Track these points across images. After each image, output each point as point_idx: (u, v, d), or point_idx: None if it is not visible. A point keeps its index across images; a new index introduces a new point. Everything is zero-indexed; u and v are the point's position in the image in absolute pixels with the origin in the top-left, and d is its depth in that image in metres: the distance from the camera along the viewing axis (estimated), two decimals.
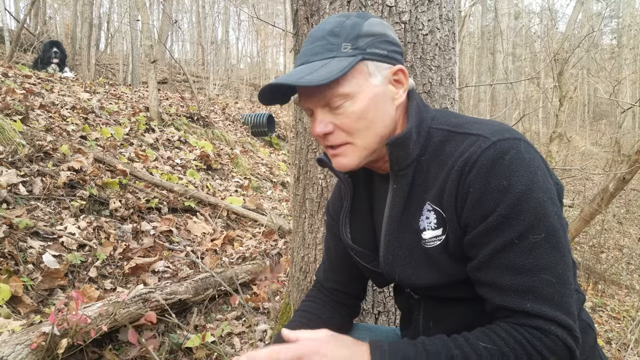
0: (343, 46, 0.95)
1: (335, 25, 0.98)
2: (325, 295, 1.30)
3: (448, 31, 1.95)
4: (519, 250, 0.88)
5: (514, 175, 0.87)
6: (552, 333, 0.85)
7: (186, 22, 28.01)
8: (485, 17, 22.23)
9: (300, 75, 0.93)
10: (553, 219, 0.88)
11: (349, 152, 1.00)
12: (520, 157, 0.88)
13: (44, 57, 8.15)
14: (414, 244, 1.02)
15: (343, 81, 0.94)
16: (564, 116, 8.74)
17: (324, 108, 0.98)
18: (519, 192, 0.87)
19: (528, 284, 0.87)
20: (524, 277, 0.88)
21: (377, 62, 0.98)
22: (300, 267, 2.19)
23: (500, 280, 0.90)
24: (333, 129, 0.98)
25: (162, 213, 3.92)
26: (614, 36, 28.13)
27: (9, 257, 2.47)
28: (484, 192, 0.89)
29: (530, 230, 0.87)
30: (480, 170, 0.90)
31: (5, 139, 3.54)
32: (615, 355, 3.48)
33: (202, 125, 7.46)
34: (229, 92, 16.59)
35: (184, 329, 2.53)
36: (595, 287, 5.38)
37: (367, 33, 0.97)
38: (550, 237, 0.88)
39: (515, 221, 0.87)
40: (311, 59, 0.97)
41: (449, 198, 0.94)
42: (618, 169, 5.80)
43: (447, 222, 0.96)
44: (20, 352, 1.72)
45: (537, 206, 0.87)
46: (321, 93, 0.95)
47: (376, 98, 0.97)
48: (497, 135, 0.91)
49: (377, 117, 0.98)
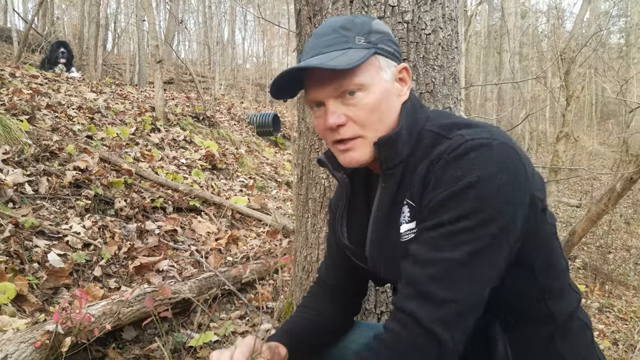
0: (357, 39, 0.97)
1: (346, 21, 1.00)
2: (327, 291, 1.31)
3: (451, 30, 1.95)
4: (428, 239, 0.89)
5: (471, 169, 0.86)
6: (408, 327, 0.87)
7: (193, 22, 28.10)
8: (492, 16, 22.13)
9: (323, 60, 0.93)
10: (491, 228, 0.85)
11: (360, 146, 1.00)
12: (487, 156, 0.87)
13: (51, 58, 8.20)
14: (395, 240, 1.03)
15: (359, 72, 0.95)
16: (571, 116, 8.69)
17: (336, 99, 0.98)
18: (468, 182, 0.85)
19: (414, 274, 0.90)
20: (416, 267, 0.90)
21: (386, 58, 1.00)
22: (303, 266, 2.19)
23: (405, 264, 0.93)
24: (346, 121, 0.98)
25: (167, 212, 3.93)
26: (621, 35, 27.90)
27: (14, 256, 2.49)
28: (439, 180, 0.89)
29: (464, 217, 0.86)
30: (444, 162, 0.90)
31: (12, 139, 3.57)
32: (621, 356, 3.46)
33: (207, 125, 7.48)
34: (234, 92, 16.63)
35: (188, 327, 2.54)
36: (603, 288, 5.35)
37: (377, 30, 1.00)
38: (480, 235, 0.85)
39: (455, 204, 0.86)
40: (324, 50, 0.97)
41: (418, 190, 0.95)
42: (626, 169, 5.75)
43: (417, 214, 0.97)
44: (25, 350, 1.73)
45: (482, 198, 0.85)
46: (338, 82, 0.96)
47: (387, 92, 0.99)
48: (474, 135, 0.91)
49: (388, 111, 0.99)
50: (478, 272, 0.86)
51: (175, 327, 2.56)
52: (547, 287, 0.92)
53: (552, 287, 0.99)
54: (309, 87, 1.00)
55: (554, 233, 1.03)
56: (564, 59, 8.99)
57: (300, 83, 1.02)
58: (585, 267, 6.11)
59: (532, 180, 0.92)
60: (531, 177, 0.92)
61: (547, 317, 0.94)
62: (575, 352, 1.02)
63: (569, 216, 10.25)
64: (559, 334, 1.00)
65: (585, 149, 16.85)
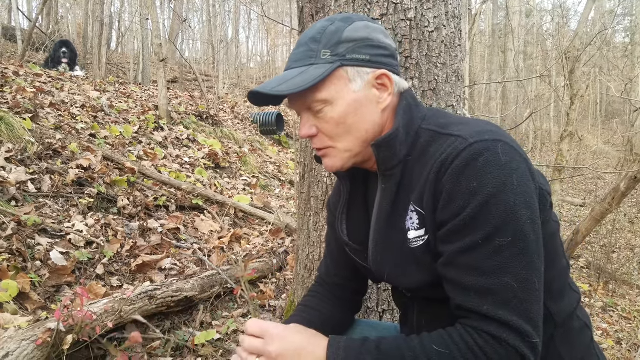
0: (322, 53, 0.97)
1: (318, 32, 0.99)
2: (327, 290, 1.30)
3: (454, 28, 1.94)
4: (483, 252, 0.87)
5: (485, 177, 0.87)
6: (504, 340, 0.84)
7: (196, 21, 28.15)
8: (497, 15, 22.06)
9: (276, 84, 0.96)
10: (524, 223, 0.87)
11: (332, 155, 1.03)
12: (495, 159, 0.87)
13: (54, 57, 8.22)
14: (401, 244, 1.02)
15: (321, 87, 0.96)
16: (576, 115, 8.65)
17: (307, 112, 1.01)
18: (488, 193, 0.86)
19: (488, 286, 0.86)
20: (485, 278, 0.86)
21: (358, 68, 0.98)
22: (305, 264, 2.19)
23: (463, 279, 0.89)
24: (317, 132, 1.02)
25: (169, 211, 3.93)
26: (626, 34, 27.78)
27: (17, 254, 2.49)
28: (454, 193, 0.89)
29: (497, 233, 0.86)
30: (454, 171, 0.89)
31: (15, 137, 3.58)
32: (625, 355, 3.44)
33: (211, 123, 7.49)
34: (238, 91, 16.64)
35: (190, 325, 2.54)
36: (606, 287, 5.33)
37: (347, 39, 0.98)
38: (517, 241, 0.86)
39: (482, 222, 0.87)
40: (293, 65, 1.00)
41: (428, 199, 0.95)
42: (630, 168, 5.72)
43: (427, 223, 0.96)
44: (26, 347, 1.73)
45: (507, 209, 0.86)
46: (302, 98, 0.98)
47: (356, 103, 0.99)
48: (475, 136, 0.90)
49: (358, 122, 0.99)
50: (528, 274, 0.86)
51: (178, 325, 2.56)
52: (546, 287, 0.92)
53: (551, 287, 0.98)
54: (287, 100, 1.04)
55: (557, 231, 1.03)
56: (569, 58, 8.95)
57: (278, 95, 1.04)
58: (589, 266, 6.09)
59: (536, 174, 0.94)
60: (533, 169, 0.94)
61: (546, 317, 0.94)
62: (574, 352, 1.01)
63: (573, 215, 10.21)
64: (558, 334, 1.00)
65: (590, 148, 16.80)
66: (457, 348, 0.85)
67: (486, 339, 0.84)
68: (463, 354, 0.84)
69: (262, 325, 0.96)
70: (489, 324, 0.85)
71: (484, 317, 0.86)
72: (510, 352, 0.84)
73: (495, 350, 0.84)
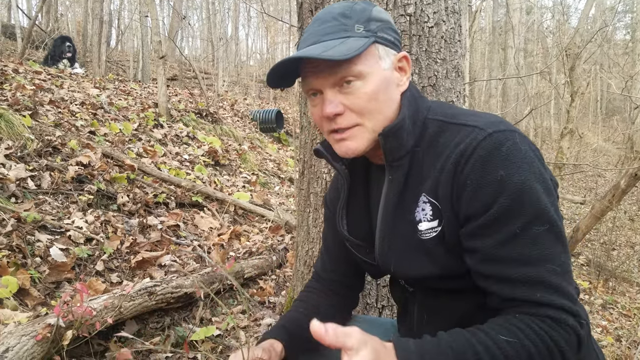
0: (356, 27, 0.96)
1: (346, 8, 0.98)
2: (324, 286, 1.30)
3: (454, 24, 1.93)
4: (523, 242, 0.87)
5: (511, 166, 0.87)
6: (564, 322, 0.85)
7: (196, 18, 28.11)
8: (497, 12, 22.01)
9: (321, 50, 0.92)
10: (550, 209, 0.88)
11: (358, 135, 0.99)
12: (517, 149, 0.88)
13: (55, 53, 8.17)
14: (410, 235, 1.01)
15: (357, 60, 0.94)
16: (576, 112, 8.65)
17: (333, 88, 0.97)
18: (519, 182, 0.86)
19: (536, 274, 0.86)
20: (531, 267, 0.87)
21: (386, 47, 0.99)
22: (304, 261, 2.19)
23: (507, 272, 0.88)
24: (343, 110, 0.97)
25: (169, 208, 3.94)
26: (627, 31, 27.74)
27: (16, 250, 2.49)
28: (481, 184, 0.88)
29: (534, 222, 0.87)
30: (477, 161, 0.89)
31: (15, 134, 3.57)
32: (625, 352, 3.44)
33: (210, 121, 7.49)
34: (238, 89, 16.63)
35: (190, 322, 2.54)
36: (606, 285, 5.32)
37: (376, 18, 0.98)
38: (553, 227, 0.87)
39: (518, 212, 0.87)
40: (323, 38, 0.96)
41: (445, 190, 0.94)
42: (630, 166, 5.72)
43: (443, 214, 0.95)
44: (26, 343, 1.73)
45: (538, 197, 0.87)
46: (335, 70, 0.95)
47: (386, 81, 0.98)
48: (492, 127, 0.90)
49: (386, 100, 0.98)
50: (565, 257, 0.89)
51: (178, 321, 2.56)
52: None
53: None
54: (307, 76, 0.99)
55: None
56: (569, 55, 8.94)
57: (297, 72, 1.01)
58: (589, 263, 6.08)
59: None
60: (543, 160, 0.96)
61: None
62: None
63: (573, 213, 10.21)
64: None
65: (590, 146, 16.79)
66: (524, 335, 0.84)
67: (549, 324, 0.85)
68: (532, 340, 0.84)
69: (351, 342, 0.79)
70: (547, 309, 0.85)
71: (539, 304, 0.86)
72: (570, 332, 0.85)
73: (559, 332, 0.84)
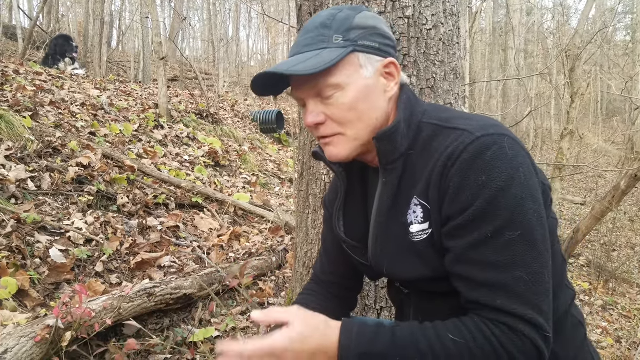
0: (334, 38, 0.96)
1: (328, 18, 0.99)
2: (322, 287, 1.30)
3: (452, 26, 1.94)
4: (493, 246, 0.87)
5: (493, 171, 0.87)
6: (520, 331, 0.84)
7: (197, 19, 28.13)
8: (497, 13, 22.01)
9: (291, 65, 0.94)
10: (531, 216, 0.87)
11: (340, 143, 1.01)
12: (502, 153, 0.88)
13: (57, 52, 8.08)
14: (402, 237, 1.02)
15: (334, 72, 0.95)
16: (576, 113, 8.63)
17: (315, 98, 0.99)
18: (497, 187, 0.86)
19: (500, 280, 0.86)
20: (496, 273, 0.87)
21: (368, 55, 0.98)
22: (303, 262, 2.19)
23: (473, 274, 0.89)
24: (324, 120, 0.99)
25: (169, 209, 3.94)
26: (627, 32, 27.72)
27: (16, 251, 2.50)
28: (463, 186, 0.89)
29: (506, 227, 0.86)
30: (462, 165, 0.89)
31: (15, 135, 3.58)
32: (625, 354, 3.45)
33: (211, 122, 7.49)
34: (238, 90, 16.62)
35: (189, 323, 2.54)
36: (606, 286, 5.32)
37: (358, 26, 0.98)
38: (526, 234, 0.87)
39: (491, 216, 0.87)
40: (303, 49, 0.98)
41: (434, 192, 0.94)
42: (630, 167, 5.71)
43: (432, 216, 0.96)
44: (25, 344, 1.74)
45: (515, 203, 0.87)
46: (313, 83, 0.97)
47: (367, 90, 0.98)
48: (481, 130, 0.91)
49: (368, 109, 0.99)
50: (538, 267, 0.87)
51: (177, 322, 2.57)
52: None
53: None
54: (293, 87, 1.02)
55: (555, 228, 1.03)
56: (569, 56, 8.93)
57: (283, 82, 1.02)
58: (589, 264, 6.08)
59: (538, 169, 0.95)
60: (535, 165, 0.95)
61: None
62: (567, 350, 1.02)
63: (573, 214, 10.20)
64: (552, 331, 1.00)
65: (590, 147, 16.78)
66: (472, 337, 0.85)
67: (502, 330, 0.85)
68: (479, 343, 0.84)
69: (265, 347, 0.86)
70: (504, 317, 0.85)
71: (497, 311, 0.86)
72: (526, 343, 0.84)
73: (511, 340, 0.84)
